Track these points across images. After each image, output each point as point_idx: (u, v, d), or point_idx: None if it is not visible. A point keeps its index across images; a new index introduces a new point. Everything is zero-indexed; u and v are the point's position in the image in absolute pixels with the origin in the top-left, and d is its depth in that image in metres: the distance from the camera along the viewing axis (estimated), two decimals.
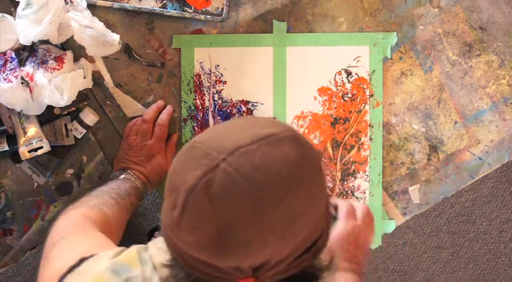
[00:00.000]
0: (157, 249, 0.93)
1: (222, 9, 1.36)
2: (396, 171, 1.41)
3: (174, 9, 1.35)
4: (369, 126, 1.39)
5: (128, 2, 1.35)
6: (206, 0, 1.36)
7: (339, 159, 1.39)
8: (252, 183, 0.79)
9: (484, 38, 1.40)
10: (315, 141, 1.39)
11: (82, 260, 0.95)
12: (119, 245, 1.10)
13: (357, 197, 1.39)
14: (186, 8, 1.36)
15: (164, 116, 1.34)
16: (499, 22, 1.40)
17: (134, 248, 0.95)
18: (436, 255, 2.16)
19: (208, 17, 1.36)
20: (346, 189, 1.39)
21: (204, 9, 1.36)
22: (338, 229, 1.24)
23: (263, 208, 0.79)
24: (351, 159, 1.39)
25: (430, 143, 1.41)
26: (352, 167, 1.39)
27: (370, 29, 1.38)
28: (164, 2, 1.35)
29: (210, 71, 1.37)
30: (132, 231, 1.51)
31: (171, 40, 1.37)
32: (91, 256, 0.95)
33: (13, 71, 1.22)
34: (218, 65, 1.37)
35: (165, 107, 1.37)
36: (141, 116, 1.36)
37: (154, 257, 0.92)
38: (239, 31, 1.37)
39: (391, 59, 1.39)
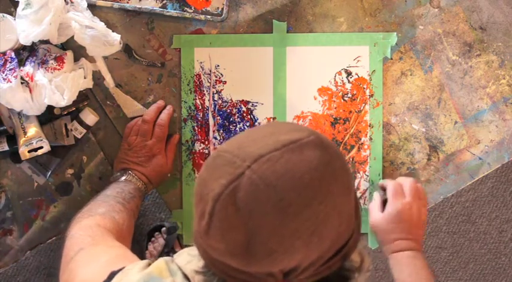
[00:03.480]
0: (188, 258, 0.93)
1: (222, 9, 1.36)
2: (396, 171, 1.41)
3: (174, 9, 1.35)
4: (369, 126, 1.39)
5: (128, 2, 1.35)
6: (206, 0, 1.36)
7: None
8: (275, 190, 0.80)
9: (484, 38, 1.40)
10: None
11: (113, 274, 0.95)
12: None
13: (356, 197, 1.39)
14: (186, 8, 1.36)
15: (164, 116, 1.34)
16: (499, 22, 1.40)
17: (162, 260, 0.96)
18: (436, 255, 2.16)
19: (208, 17, 1.36)
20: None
21: (204, 9, 1.36)
22: (388, 210, 1.24)
23: (287, 215, 0.80)
24: (351, 159, 1.39)
25: (430, 143, 1.41)
26: (353, 167, 1.39)
27: (370, 29, 1.38)
28: (164, 2, 1.35)
29: (210, 71, 1.37)
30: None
31: (171, 40, 1.37)
32: (120, 270, 0.96)
33: (12, 71, 1.22)
34: (218, 65, 1.37)
35: (165, 107, 1.37)
36: (141, 116, 1.36)
37: (184, 267, 0.93)
38: (239, 31, 1.37)
39: (391, 59, 1.39)
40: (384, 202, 1.27)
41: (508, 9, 1.40)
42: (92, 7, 1.32)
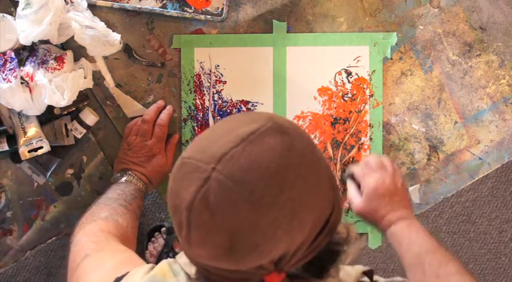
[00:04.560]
0: (185, 262, 0.93)
1: (222, 9, 1.36)
2: None
3: (174, 9, 1.35)
4: (369, 126, 1.39)
5: (128, 2, 1.35)
6: (206, 0, 1.36)
7: (339, 159, 1.39)
8: (244, 186, 0.79)
9: (484, 38, 1.40)
10: (315, 141, 1.38)
11: (117, 280, 0.96)
12: None
13: None
14: (186, 8, 1.36)
15: (164, 116, 1.34)
16: (499, 22, 1.40)
17: (165, 262, 0.96)
18: None
19: (208, 17, 1.36)
20: (346, 189, 1.39)
21: (204, 9, 1.36)
22: (364, 192, 1.22)
23: (261, 207, 0.79)
24: (351, 159, 1.39)
25: (430, 143, 1.41)
26: None
27: (370, 29, 1.38)
28: (164, 2, 1.35)
29: (210, 71, 1.37)
30: None
31: (171, 40, 1.37)
32: (124, 275, 0.96)
33: (12, 71, 1.22)
34: (218, 65, 1.37)
35: (165, 107, 1.37)
36: (141, 116, 1.36)
37: (186, 267, 0.93)
38: (239, 31, 1.37)
39: (391, 59, 1.39)
40: (359, 187, 1.26)
41: (508, 9, 1.40)
42: (92, 7, 1.32)
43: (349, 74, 1.38)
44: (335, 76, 1.38)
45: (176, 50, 1.37)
